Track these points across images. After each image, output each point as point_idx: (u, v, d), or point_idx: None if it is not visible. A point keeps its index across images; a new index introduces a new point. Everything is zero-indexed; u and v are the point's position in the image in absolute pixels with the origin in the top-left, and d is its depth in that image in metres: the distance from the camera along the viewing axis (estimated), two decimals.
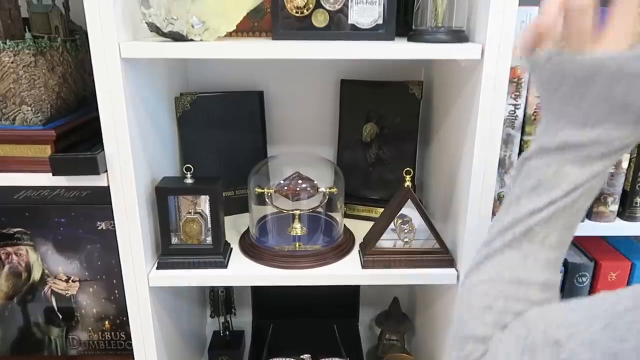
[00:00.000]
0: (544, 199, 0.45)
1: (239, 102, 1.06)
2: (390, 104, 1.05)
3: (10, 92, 0.75)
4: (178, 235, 0.87)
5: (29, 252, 0.90)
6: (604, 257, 0.88)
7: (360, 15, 0.80)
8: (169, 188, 0.84)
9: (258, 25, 0.88)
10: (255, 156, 1.07)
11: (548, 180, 0.45)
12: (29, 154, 0.77)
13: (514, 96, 0.77)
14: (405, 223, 0.88)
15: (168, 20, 0.72)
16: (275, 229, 0.97)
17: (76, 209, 0.87)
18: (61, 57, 0.82)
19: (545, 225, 0.45)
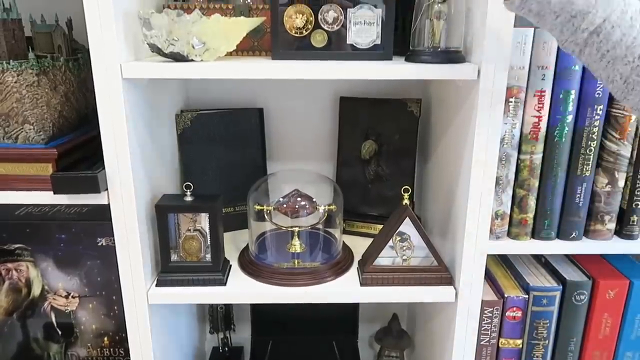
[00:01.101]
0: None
1: (239, 119, 1.07)
2: (389, 122, 1.06)
3: (13, 111, 0.76)
4: (177, 252, 0.88)
5: (29, 268, 0.91)
6: (602, 275, 0.88)
7: (358, 35, 0.81)
8: (169, 206, 0.84)
9: (258, 44, 0.89)
10: (254, 173, 1.08)
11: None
12: (30, 172, 0.78)
13: (511, 115, 0.78)
14: (404, 240, 0.88)
15: (169, 42, 0.73)
16: (274, 246, 0.97)
17: (77, 225, 0.88)
18: (64, 76, 0.83)
19: None
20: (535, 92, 0.77)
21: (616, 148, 0.79)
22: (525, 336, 0.90)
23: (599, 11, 0.50)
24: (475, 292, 0.85)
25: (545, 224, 0.83)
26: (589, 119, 0.78)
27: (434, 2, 0.76)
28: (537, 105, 0.77)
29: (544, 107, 0.77)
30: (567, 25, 0.52)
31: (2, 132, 0.78)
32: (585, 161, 0.80)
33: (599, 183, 0.81)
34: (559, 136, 0.78)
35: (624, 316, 0.88)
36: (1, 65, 0.74)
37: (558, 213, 0.83)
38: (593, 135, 0.78)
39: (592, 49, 0.52)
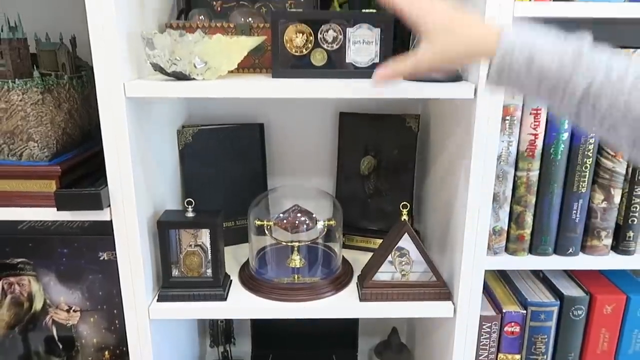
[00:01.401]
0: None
1: (240, 135, 1.08)
2: (388, 137, 1.07)
3: (18, 129, 0.78)
4: (179, 267, 0.89)
5: (31, 282, 0.91)
6: (600, 290, 0.89)
7: (357, 54, 0.82)
8: (171, 222, 0.85)
9: (259, 62, 0.90)
10: (255, 187, 1.09)
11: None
12: (34, 189, 0.79)
13: (507, 133, 0.79)
14: (403, 256, 0.89)
15: (172, 61, 0.74)
16: (274, 261, 0.98)
17: (79, 240, 0.88)
18: (68, 94, 0.84)
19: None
20: (531, 110, 0.78)
21: (611, 165, 0.80)
22: (523, 351, 0.91)
23: (580, 77, 0.48)
24: (473, 308, 0.86)
25: (542, 239, 0.84)
26: (584, 136, 0.79)
27: None
28: (533, 123, 0.79)
29: (539, 125, 0.79)
30: (553, 96, 0.51)
31: (6, 149, 0.79)
32: (581, 178, 0.81)
33: (595, 199, 0.83)
34: (555, 153, 0.80)
35: (622, 331, 0.89)
36: (7, 84, 0.76)
37: (555, 229, 0.84)
38: (588, 153, 0.80)
39: (587, 114, 0.50)
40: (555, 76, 0.49)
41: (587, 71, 0.48)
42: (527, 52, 0.50)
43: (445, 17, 0.56)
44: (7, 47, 0.77)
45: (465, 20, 0.56)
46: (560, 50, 0.49)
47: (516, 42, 0.51)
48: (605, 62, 0.48)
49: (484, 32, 0.54)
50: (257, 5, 1.04)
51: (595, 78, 0.48)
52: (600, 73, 0.48)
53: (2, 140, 0.79)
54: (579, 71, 0.48)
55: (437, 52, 0.57)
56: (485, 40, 0.53)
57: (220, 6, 1.04)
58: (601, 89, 0.48)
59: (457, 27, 0.55)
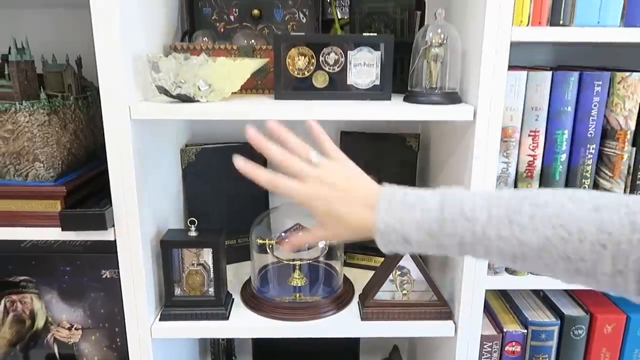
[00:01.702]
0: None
1: (243, 153, 1.08)
2: (389, 156, 1.08)
3: (24, 150, 0.79)
4: (181, 286, 0.89)
5: (33, 300, 0.92)
6: (600, 309, 0.89)
7: (358, 76, 0.84)
8: (174, 241, 0.86)
9: (261, 83, 0.92)
10: (257, 205, 1.10)
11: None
12: (39, 209, 0.80)
13: (506, 154, 0.80)
14: (404, 275, 0.89)
15: (176, 84, 0.76)
16: (276, 279, 0.99)
17: (81, 258, 0.89)
18: (73, 115, 0.86)
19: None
20: (530, 132, 0.79)
21: (609, 186, 0.81)
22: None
23: (449, 240, 0.51)
24: (474, 327, 0.86)
25: None
26: (583, 157, 0.80)
27: (431, 46, 0.79)
28: (532, 144, 0.80)
29: (538, 147, 0.80)
30: (440, 252, 0.54)
31: (13, 169, 0.80)
32: None
33: None
34: (554, 174, 0.81)
35: (622, 351, 0.89)
36: (14, 106, 0.77)
37: None
38: (587, 174, 0.81)
39: (477, 257, 0.53)
40: (432, 244, 0.52)
41: (453, 236, 0.51)
42: (398, 234, 0.53)
43: (326, 206, 0.57)
44: (15, 69, 0.78)
45: (345, 205, 0.57)
46: (425, 223, 0.52)
47: (387, 226, 0.53)
48: (466, 219, 0.50)
49: (362, 219, 0.55)
50: (260, 27, 1.06)
51: (463, 237, 0.50)
52: (465, 232, 0.50)
53: (8, 160, 0.80)
54: (446, 238, 0.51)
55: (329, 236, 0.62)
56: (365, 227, 0.55)
57: (223, 27, 1.06)
58: (472, 243, 0.50)
59: (339, 215, 0.57)
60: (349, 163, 0.62)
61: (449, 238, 0.51)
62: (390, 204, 0.54)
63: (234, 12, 1.06)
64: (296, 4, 1.05)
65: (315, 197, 0.58)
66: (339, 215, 0.57)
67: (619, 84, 0.77)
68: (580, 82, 0.77)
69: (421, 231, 0.52)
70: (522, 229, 0.47)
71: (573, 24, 0.75)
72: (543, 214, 0.46)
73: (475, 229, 0.49)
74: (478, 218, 0.49)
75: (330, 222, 0.58)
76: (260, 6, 1.05)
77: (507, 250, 0.48)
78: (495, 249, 0.49)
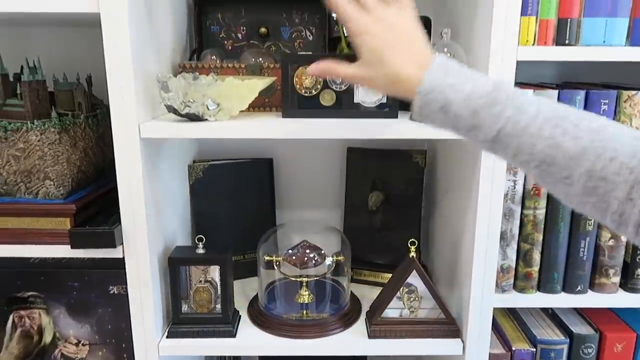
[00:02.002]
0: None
1: (250, 169, 1.10)
2: (395, 172, 1.09)
3: (35, 168, 0.80)
4: (188, 303, 0.89)
5: (41, 315, 0.92)
6: (609, 328, 0.89)
7: (365, 95, 0.84)
8: (182, 258, 0.87)
9: (269, 101, 0.93)
10: (264, 221, 1.10)
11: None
12: (49, 227, 0.81)
13: (513, 172, 0.80)
14: (411, 292, 0.89)
15: (185, 103, 0.77)
16: (283, 296, 0.99)
17: (89, 273, 0.89)
18: (83, 133, 0.87)
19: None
20: None
21: None
22: None
23: (490, 122, 0.51)
24: (482, 345, 0.85)
25: (550, 277, 0.84)
26: None
27: None
28: None
29: None
30: (469, 136, 0.54)
31: (23, 187, 0.81)
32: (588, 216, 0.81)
33: (602, 237, 0.83)
34: None
35: None
36: (25, 125, 0.78)
37: (563, 267, 0.84)
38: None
39: (501, 154, 0.53)
40: (469, 122, 0.52)
41: (497, 118, 0.50)
42: (442, 99, 0.52)
43: (378, 44, 0.56)
44: (27, 89, 0.79)
45: (397, 51, 0.56)
46: (475, 96, 0.51)
47: (435, 88, 0.53)
48: (515, 107, 0.50)
49: (408, 72, 0.55)
50: (267, 45, 1.08)
51: (505, 125, 0.50)
52: (510, 119, 0.50)
53: (19, 178, 0.81)
54: (489, 119, 0.51)
55: (365, 77, 0.59)
56: (409, 82, 0.55)
57: (231, 45, 1.08)
58: (511, 134, 0.50)
59: (387, 59, 0.56)
60: (413, 17, 0.59)
61: (490, 120, 0.51)
62: (445, 68, 0.54)
63: (241, 30, 1.07)
64: (303, 22, 1.06)
65: (371, 32, 0.56)
66: (387, 58, 0.56)
67: (625, 103, 0.78)
68: (587, 100, 0.78)
69: (466, 104, 0.51)
70: (563, 133, 0.48)
71: (579, 43, 0.75)
72: (587, 126, 0.48)
73: (520, 119, 0.49)
74: (527, 110, 0.49)
75: (373, 63, 0.57)
76: (268, 24, 1.06)
77: (539, 151, 0.49)
78: (528, 147, 0.49)
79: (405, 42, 0.56)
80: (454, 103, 0.52)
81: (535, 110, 0.49)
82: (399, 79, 0.56)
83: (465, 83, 0.52)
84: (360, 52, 0.58)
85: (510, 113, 0.50)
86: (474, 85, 0.52)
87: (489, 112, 0.51)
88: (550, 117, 0.49)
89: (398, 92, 0.57)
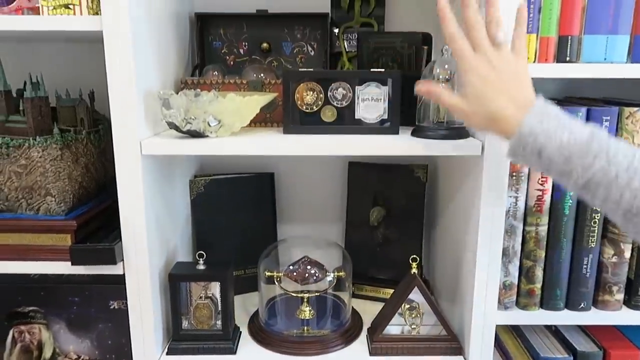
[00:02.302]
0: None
1: (251, 184, 1.10)
2: (396, 186, 1.08)
3: (36, 184, 0.80)
4: (189, 319, 0.89)
5: (41, 330, 0.92)
6: (613, 345, 0.88)
7: (366, 111, 0.85)
8: (182, 275, 0.86)
9: (270, 116, 0.93)
10: (265, 235, 1.10)
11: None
12: (50, 243, 0.81)
13: (515, 189, 0.80)
14: (413, 309, 0.89)
15: (186, 120, 0.77)
16: (284, 312, 0.98)
17: (90, 288, 0.89)
18: (85, 148, 0.87)
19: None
20: None
21: None
22: None
23: (580, 171, 0.54)
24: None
25: (553, 294, 0.84)
26: None
27: (438, 81, 0.80)
28: (541, 179, 0.79)
29: (547, 181, 0.79)
30: (560, 179, 0.57)
31: (25, 203, 0.81)
32: (591, 233, 0.81)
33: (605, 254, 0.82)
34: (563, 209, 0.80)
35: None
36: (27, 142, 0.79)
37: (566, 283, 0.83)
38: (597, 209, 0.80)
39: (588, 199, 0.56)
40: (560, 168, 0.55)
41: (588, 168, 0.53)
42: (538, 144, 0.55)
43: (483, 85, 0.59)
44: (30, 105, 0.80)
45: (500, 93, 0.59)
46: (570, 144, 0.54)
47: (532, 132, 0.56)
48: (607, 158, 0.53)
49: (508, 114, 0.58)
50: (269, 60, 1.08)
51: (594, 175, 0.53)
52: (600, 170, 0.53)
53: (20, 195, 0.81)
54: (580, 168, 0.54)
55: (465, 111, 0.62)
56: (507, 123, 0.58)
57: (233, 60, 1.08)
58: (600, 183, 0.53)
59: (490, 99, 0.59)
60: (524, 62, 0.62)
61: (581, 169, 0.54)
62: (543, 114, 0.56)
63: (243, 45, 1.08)
64: (305, 38, 1.07)
65: (476, 71, 0.60)
66: (490, 99, 0.59)
67: (627, 119, 0.77)
68: (589, 117, 0.77)
69: (560, 151, 0.54)
70: None
71: (580, 60, 0.76)
72: None
73: (611, 169, 0.52)
74: (619, 162, 0.52)
75: (475, 101, 0.60)
76: (270, 40, 1.07)
77: (626, 201, 0.52)
78: (617, 196, 0.52)
79: (510, 86, 0.60)
80: (549, 148, 0.55)
81: (628, 161, 0.52)
82: (498, 118, 0.59)
83: (562, 130, 0.55)
84: (466, 87, 0.61)
85: (602, 164, 0.53)
86: (571, 133, 0.54)
87: (582, 162, 0.54)
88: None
89: (496, 130, 0.60)
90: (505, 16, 0.63)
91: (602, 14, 0.74)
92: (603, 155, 0.53)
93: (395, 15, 1.09)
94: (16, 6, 0.78)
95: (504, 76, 0.59)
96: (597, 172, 0.53)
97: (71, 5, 0.74)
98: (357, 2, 1.07)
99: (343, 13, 1.08)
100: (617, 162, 0.52)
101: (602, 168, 0.53)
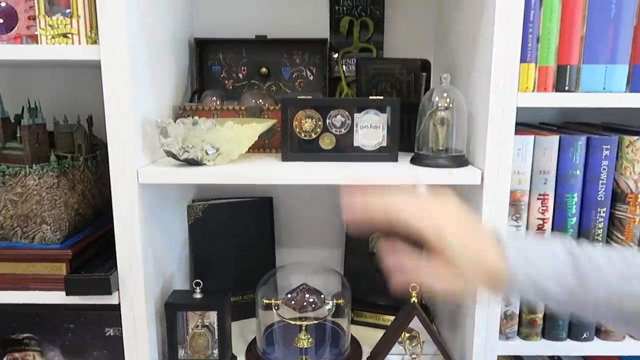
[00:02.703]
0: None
1: (249, 209, 1.09)
2: None
3: (32, 213, 0.79)
4: (185, 348, 0.87)
5: (36, 357, 0.90)
6: None
7: (364, 138, 0.84)
8: (178, 304, 0.85)
9: (269, 142, 0.93)
10: (264, 261, 1.09)
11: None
12: (44, 272, 0.80)
13: (515, 217, 0.79)
14: (413, 338, 0.87)
15: (184, 149, 0.76)
16: (281, 340, 0.97)
17: (85, 315, 0.88)
18: (82, 175, 0.86)
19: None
20: (539, 195, 0.79)
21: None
22: None
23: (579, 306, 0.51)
24: None
25: (555, 324, 0.82)
26: (593, 221, 0.79)
27: (437, 110, 0.80)
28: (541, 208, 0.79)
29: (547, 210, 0.79)
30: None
31: (20, 232, 0.80)
32: None
33: None
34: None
35: None
36: (24, 170, 0.78)
37: None
38: (598, 237, 0.79)
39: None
40: (563, 299, 0.52)
41: (585, 300, 0.51)
42: (532, 290, 0.52)
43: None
44: (27, 132, 0.79)
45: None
46: (563, 281, 0.51)
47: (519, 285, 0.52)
48: (598, 281, 0.50)
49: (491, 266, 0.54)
50: (268, 84, 1.08)
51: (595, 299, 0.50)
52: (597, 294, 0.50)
53: (15, 223, 0.80)
54: (578, 305, 0.51)
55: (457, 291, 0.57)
56: (500, 277, 0.53)
57: (232, 85, 1.08)
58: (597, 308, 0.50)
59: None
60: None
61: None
62: (522, 254, 0.53)
63: (242, 70, 1.08)
64: (303, 62, 1.07)
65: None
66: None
67: (627, 148, 0.77)
68: (589, 145, 0.77)
69: (561, 289, 0.51)
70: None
71: (579, 89, 0.75)
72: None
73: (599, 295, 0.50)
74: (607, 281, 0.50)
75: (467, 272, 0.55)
76: (268, 64, 1.07)
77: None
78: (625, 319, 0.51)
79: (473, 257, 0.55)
80: (545, 286, 0.51)
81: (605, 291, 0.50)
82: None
83: (547, 278, 0.51)
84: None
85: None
86: (556, 280, 0.51)
87: (576, 297, 0.51)
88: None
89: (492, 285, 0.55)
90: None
91: (600, 43, 0.74)
92: (592, 282, 0.50)
93: (393, 41, 1.09)
94: (15, 34, 0.78)
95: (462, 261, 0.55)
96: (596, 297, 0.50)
97: (69, 34, 0.74)
98: (356, 28, 1.07)
99: (342, 38, 1.08)
100: (608, 279, 0.50)
101: (599, 290, 0.50)
